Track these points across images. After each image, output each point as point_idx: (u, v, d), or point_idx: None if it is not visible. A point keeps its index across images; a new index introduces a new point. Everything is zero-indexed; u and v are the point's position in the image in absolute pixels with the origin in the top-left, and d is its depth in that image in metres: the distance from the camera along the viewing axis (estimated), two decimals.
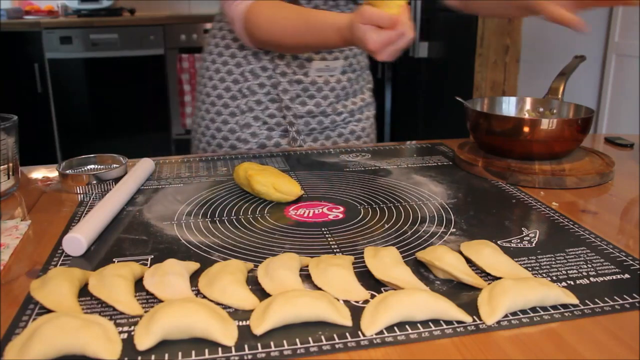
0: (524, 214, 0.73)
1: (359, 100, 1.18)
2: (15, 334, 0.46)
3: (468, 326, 0.47)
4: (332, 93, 1.10)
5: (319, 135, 1.14)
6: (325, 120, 1.12)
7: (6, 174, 0.78)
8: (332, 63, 1.08)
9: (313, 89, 1.09)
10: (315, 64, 1.07)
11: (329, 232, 0.67)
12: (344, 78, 1.11)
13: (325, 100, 1.10)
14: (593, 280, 0.55)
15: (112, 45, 2.94)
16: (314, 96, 1.09)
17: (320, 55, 1.06)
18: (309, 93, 1.09)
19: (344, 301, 0.51)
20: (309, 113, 1.10)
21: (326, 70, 1.08)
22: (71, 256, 0.61)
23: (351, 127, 1.17)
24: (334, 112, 1.12)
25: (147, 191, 0.82)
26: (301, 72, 1.07)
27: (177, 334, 0.45)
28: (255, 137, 1.10)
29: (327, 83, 1.09)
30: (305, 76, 1.07)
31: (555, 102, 0.97)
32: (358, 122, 1.19)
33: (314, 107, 1.10)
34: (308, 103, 1.09)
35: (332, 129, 1.15)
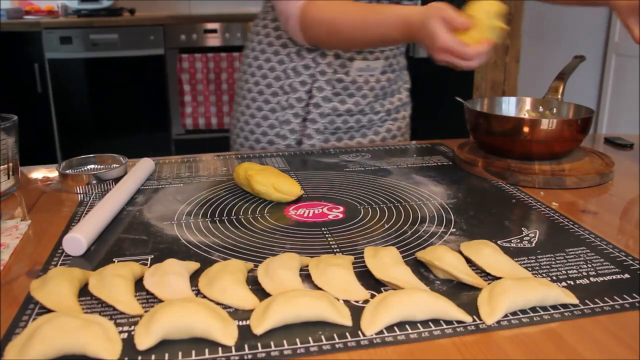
0: (524, 214, 0.73)
1: (397, 100, 1.20)
2: (15, 334, 0.46)
3: (468, 326, 0.47)
4: (372, 92, 1.12)
5: (355, 133, 1.16)
6: (363, 119, 1.14)
7: (6, 174, 0.78)
8: (373, 63, 1.09)
9: (353, 87, 1.10)
10: (356, 64, 1.08)
11: (329, 232, 0.67)
12: (384, 78, 1.13)
13: (365, 99, 1.12)
14: (593, 280, 0.55)
15: (112, 45, 2.94)
16: (354, 95, 1.11)
17: (362, 55, 1.08)
18: (349, 92, 1.10)
19: (344, 301, 0.51)
20: (347, 111, 1.12)
21: (367, 70, 1.10)
22: (71, 256, 0.61)
23: (387, 126, 1.19)
24: (371, 111, 1.14)
25: (147, 191, 0.82)
26: (342, 71, 1.08)
27: (177, 334, 0.45)
28: (293, 134, 1.12)
29: (366, 82, 1.11)
30: (346, 75, 1.09)
31: (555, 102, 0.97)
32: (394, 121, 1.21)
33: (353, 106, 1.11)
34: (347, 102, 1.11)
35: (369, 127, 1.17)
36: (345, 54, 1.07)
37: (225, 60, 2.98)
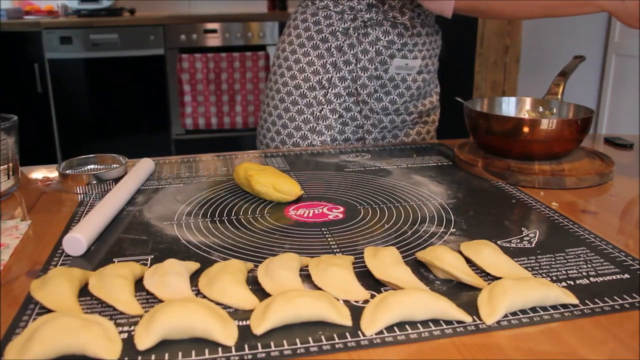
0: (524, 214, 0.73)
1: (428, 102, 1.20)
2: (15, 334, 0.46)
3: (468, 326, 0.47)
4: (408, 92, 1.12)
5: (387, 133, 1.16)
6: (396, 119, 1.15)
7: (6, 174, 0.78)
8: (412, 62, 1.10)
9: (390, 85, 1.10)
10: (396, 62, 1.08)
11: (329, 232, 0.67)
12: (420, 78, 1.13)
13: (401, 99, 1.12)
14: (593, 280, 0.55)
15: (112, 45, 2.94)
16: (390, 93, 1.11)
17: (402, 53, 1.08)
18: (386, 89, 1.10)
19: (344, 301, 0.51)
20: (383, 110, 1.12)
21: (405, 69, 1.10)
22: (71, 256, 0.61)
23: (418, 129, 1.20)
24: (405, 111, 1.15)
25: (147, 191, 0.82)
26: (382, 69, 1.08)
27: (177, 334, 0.45)
28: (329, 130, 1.12)
29: (404, 81, 1.11)
30: (385, 72, 1.09)
31: (555, 102, 0.97)
32: (425, 124, 1.22)
33: (390, 104, 1.12)
34: (384, 99, 1.11)
35: (401, 129, 1.18)
36: (386, 52, 1.07)
37: (225, 60, 2.98)
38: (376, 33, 1.07)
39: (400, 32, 1.07)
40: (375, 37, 1.07)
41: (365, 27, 1.06)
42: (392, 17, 1.06)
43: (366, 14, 1.06)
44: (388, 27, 1.07)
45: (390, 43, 1.07)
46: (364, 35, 1.07)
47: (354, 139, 1.14)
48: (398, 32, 1.07)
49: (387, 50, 1.08)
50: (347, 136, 1.13)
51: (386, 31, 1.07)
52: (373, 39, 1.07)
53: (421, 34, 1.10)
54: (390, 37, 1.07)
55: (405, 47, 1.08)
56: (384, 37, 1.07)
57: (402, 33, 1.07)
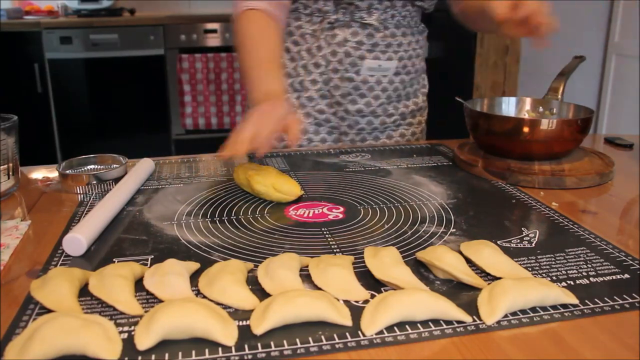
0: (524, 214, 0.73)
1: (412, 104, 1.17)
2: (16, 334, 0.46)
3: (468, 326, 0.47)
4: (384, 94, 1.10)
5: (367, 135, 1.14)
6: (374, 121, 1.12)
7: (6, 174, 0.78)
8: (385, 63, 1.08)
9: (364, 87, 1.08)
10: (367, 63, 1.07)
11: (329, 232, 0.67)
12: (397, 80, 1.11)
13: (376, 101, 1.10)
14: (593, 280, 0.55)
15: (112, 45, 2.94)
16: (365, 95, 1.09)
17: (373, 54, 1.06)
18: (360, 92, 1.09)
19: (344, 301, 0.51)
20: (358, 112, 1.10)
21: (378, 70, 1.08)
22: (71, 256, 0.61)
23: (401, 131, 1.17)
24: (384, 113, 1.12)
25: (147, 191, 0.82)
26: (353, 70, 1.07)
27: (177, 334, 0.45)
28: (304, 134, 1.12)
29: (379, 83, 1.09)
30: (357, 74, 1.07)
31: (555, 102, 0.97)
32: (409, 126, 1.18)
33: (364, 107, 1.10)
34: (358, 102, 1.10)
35: (382, 131, 1.15)
36: (355, 52, 1.06)
37: (225, 60, 2.98)
38: (344, 34, 1.04)
39: (370, 33, 1.05)
40: (343, 39, 1.05)
41: (333, 28, 1.05)
42: (359, 18, 1.04)
43: (333, 15, 1.04)
44: (357, 28, 1.04)
45: (358, 44, 1.05)
46: (331, 37, 1.05)
47: (331, 140, 1.13)
48: (368, 33, 1.05)
49: (357, 52, 1.06)
50: (322, 137, 1.12)
51: (355, 32, 1.05)
52: (341, 40, 1.05)
53: (395, 34, 1.07)
54: (359, 38, 1.05)
55: (377, 47, 1.06)
56: (352, 38, 1.05)
57: (372, 34, 1.05)
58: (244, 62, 0.96)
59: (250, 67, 0.93)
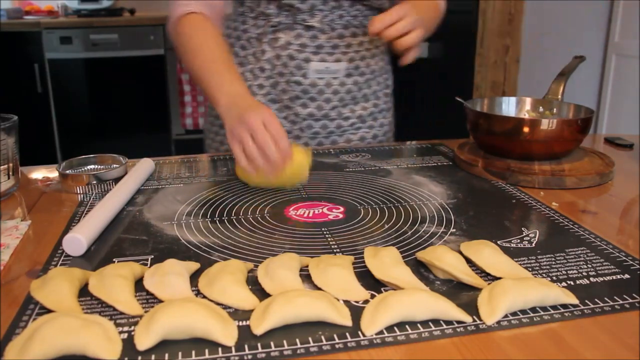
0: (524, 214, 0.73)
1: (371, 105, 1.12)
2: (15, 334, 0.46)
3: (468, 326, 0.47)
4: (336, 96, 1.06)
5: (324, 139, 1.10)
6: (330, 125, 1.09)
7: (6, 174, 0.78)
8: (333, 65, 1.04)
9: (314, 91, 1.05)
10: (313, 65, 1.03)
11: (329, 232, 0.67)
12: (350, 81, 1.07)
13: (328, 104, 1.06)
14: (593, 281, 0.55)
15: (112, 45, 2.94)
16: (315, 99, 1.05)
17: (319, 56, 1.03)
18: (310, 95, 1.05)
19: (344, 301, 0.51)
20: (310, 116, 1.07)
21: (326, 72, 1.04)
22: (71, 256, 0.61)
23: (361, 134, 1.13)
24: (339, 116, 1.08)
25: (147, 191, 0.82)
26: (299, 74, 1.04)
27: (177, 334, 0.45)
28: None
29: (329, 85, 1.05)
30: (304, 78, 1.04)
31: (555, 102, 0.97)
32: (370, 128, 1.14)
33: (316, 110, 1.06)
34: (309, 105, 1.06)
35: (339, 134, 1.11)
36: (299, 55, 1.02)
37: None
38: (287, 37, 1.02)
39: (314, 34, 1.02)
40: (286, 42, 1.02)
41: (276, 31, 1.02)
42: (301, 20, 1.01)
43: (275, 18, 1.01)
44: (300, 30, 1.01)
45: (302, 47, 1.02)
46: (274, 40, 1.02)
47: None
48: (312, 35, 1.02)
49: (301, 54, 1.02)
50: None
51: (298, 35, 1.02)
52: (284, 43, 1.02)
53: (344, 35, 1.03)
54: (302, 41, 1.02)
55: (322, 49, 1.03)
56: (295, 41, 1.02)
57: (317, 35, 1.02)
58: (195, 66, 0.94)
59: (206, 71, 0.91)
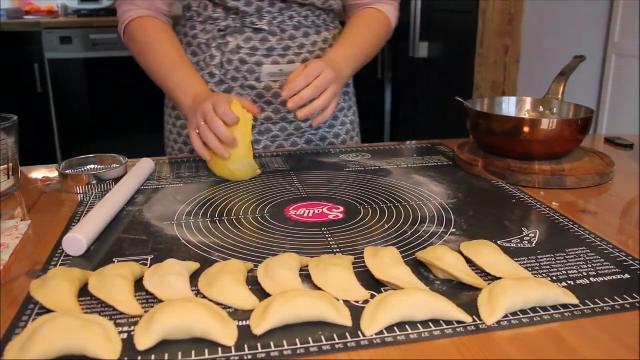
0: (524, 214, 0.73)
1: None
2: (15, 334, 0.46)
3: (468, 326, 0.47)
4: None
5: (284, 142, 1.09)
6: (288, 127, 1.07)
7: (6, 174, 0.78)
8: (287, 67, 1.02)
9: (268, 95, 1.03)
10: (266, 69, 1.01)
11: (329, 232, 0.67)
12: None
13: (285, 106, 1.02)
14: (593, 281, 0.55)
15: (112, 45, 2.94)
16: (272, 102, 1.04)
17: (271, 59, 1.01)
18: (265, 99, 1.03)
19: (344, 301, 0.51)
20: (268, 120, 1.05)
21: (281, 75, 1.02)
22: (71, 256, 0.61)
23: (322, 134, 1.12)
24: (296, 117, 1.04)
25: (147, 191, 0.82)
26: (252, 78, 1.02)
27: (177, 334, 0.45)
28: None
29: None
30: (258, 82, 1.02)
31: (555, 102, 0.97)
32: (330, 128, 1.12)
33: (273, 114, 1.05)
34: (266, 109, 1.04)
35: (299, 136, 1.09)
36: (250, 59, 1.01)
37: None
38: (237, 41, 1.00)
39: (264, 37, 1.00)
40: (236, 46, 1.00)
41: (225, 36, 1.01)
42: (250, 23, 0.99)
43: (223, 22, 1.00)
44: (250, 33, 1.00)
45: (253, 50, 1.00)
46: (224, 45, 1.01)
47: None
48: (262, 37, 1.00)
49: (252, 58, 1.01)
50: None
51: (248, 38, 1.00)
52: (234, 47, 1.00)
53: (295, 36, 1.02)
54: (252, 44, 1.00)
55: (273, 52, 1.01)
56: (245, 45, 1.00)
57: (267, 38, 1.00)
58: (153, 68, 0.96)
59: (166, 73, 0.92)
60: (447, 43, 2.85)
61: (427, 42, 2.97)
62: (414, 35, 2.99)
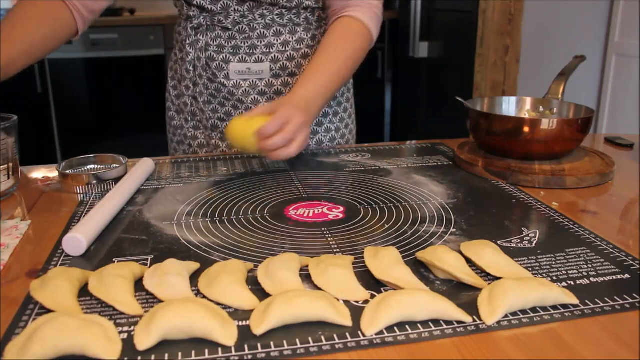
0: (524, 214, 0.73)
1: None
2: (15, 334, 0.46)
3: (468, 326, 0.47)
4: (263, 97, 1.04)
5: None
6: None
7: (6, 174, 0.78)
8: (255, 66, 1.01)
9: (238, 93, 1.03)
10: (233, 67, 1.01)
11: (329, 232, 0.67)
12: (278, 82, 1.03)
13: (256, 105, 1.03)
14: (593, 281, 0.55)
15: (112, 45, 2.94)
16: (242, 101, 1.03)
17: (237, 57, 1.01)
18: (237, 97, 1.03)
19: (344, 301, 0.51)
20: None
21: (249, 74, 1.02)
22: (71, 256, 0.61)
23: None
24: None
25: (147, 191, 0.82)
26: (221, 75, 1.01)
27: (177, 334, 0.45)
28: (195, 140, 1.10)
29: (254, 87, 1.03)
30: (227, 79, 1.02)
31: (555, 102, 0.97)
32: (314, 134, 1.09)
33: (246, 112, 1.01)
34: (239, 107, 1.04)
35: None
36: (218, 57, 1.01)
37: None
38: (206, 39, 1.00)
39: (232, 35, 1.00)
40: (205, 43, 1.01)
41: (197, 33, 1.01)
42: (218, 22, 0.99)
43: (195, 20, 1.00)
44: (219, 31, 1.00)
45: (220, 47, 1.00)
46: (195, 42, 1.01)
47: (224, 146, 1.07)
48: (229, 35, 1.00)
49: (219, 55, 1.01)
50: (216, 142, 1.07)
51: (217, 35, 1.00)
52: (203, 45, 1.01)
53: (265, 35, 1.00)
54: (219, 42, 1.00)
55: (240, 50, 1.00)
56: (213, 42, 1.00)
57: (234, 36, 1.00)
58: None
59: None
60: (447, 43, 2.86)
61: (427, 42, 2.98)
62: (414, 35, 2.99)
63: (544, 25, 2.50)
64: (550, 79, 1.00)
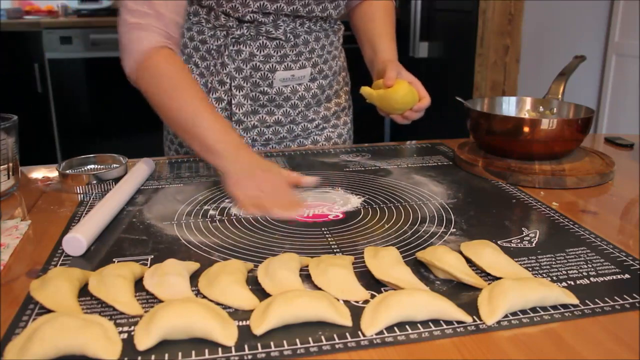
0: (524, 214, 0.73)
1: (334, 105, 1.13)
2: (15, 334, 0.46)
3: (468, 326, 0.47)
4: (302, 102, 1.06)
5: (290, 143, 1.10)
6: (296, 128, 1.08)
7: (6, 174, 0.78)
8: (299, 72, 1.03)
9: (280, 99, 1.04)
10: (279, 75, 1.01)
11: (329, 232, 0.67)
12: (314, 85, 1.06)
13: (295, 110, 1.06)
14: (593, 281, 0.55)
15: (112, 45, 2.94)
16: (282, 106, 1.05)
17: (283, 65, 1.01)
18: (276, 103, 1.04)
19: (344, 301, 0.51)
20: (277, 122, 1.06)
21: (293, 80, 1.03)
22: (71, 256, 0.61)
23: (327, 134, 1.13)
24: (305, 119, 1.08)
25: (147, 191, 0.82)
26: (265, 84, 1.01)
27: (177, 334, 0.45)
28: None
29: (294, 92, 1.04)
30: (270, 87, 1.02)
31: (555, 102, 0.97)
32: (334, 128, 1.14)
33: (283, 117, 1.06)
34: (276, 113, 1.05)
35: (305, 137, 1.10)
36: (264, 66, 1.00)
37: None
38: (250, 49, 0.99)
39: (279, 44, 1.00)
40: (250, 54, 0.99)
41: (238, 44, 0.99)
42: (265, 32, 0.98)
43: (237, 31, 0.98)
44: (264, 40, 0.99)
45: (267, 57, 1.00)
46: (237, 53, 0.99)
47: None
48: (276, 44, 1.00)
49: (265, 65, 1.00)
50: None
51: (262, 45, 0.99)
52: (247, 56, 0.99)
53: (308, 41, 1.02)
54: (267, 51, 0.99)
55: (287, 58, 1.01)
56: (259, 52, 0.99)
57: (282, 45, 1.00)
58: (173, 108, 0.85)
59: (194, 116, 0.80)
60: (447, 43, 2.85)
61: (427, 42, 2.97)
62: (414, 35, 2.99)
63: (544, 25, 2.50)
64: (550, 79, 1.00)
